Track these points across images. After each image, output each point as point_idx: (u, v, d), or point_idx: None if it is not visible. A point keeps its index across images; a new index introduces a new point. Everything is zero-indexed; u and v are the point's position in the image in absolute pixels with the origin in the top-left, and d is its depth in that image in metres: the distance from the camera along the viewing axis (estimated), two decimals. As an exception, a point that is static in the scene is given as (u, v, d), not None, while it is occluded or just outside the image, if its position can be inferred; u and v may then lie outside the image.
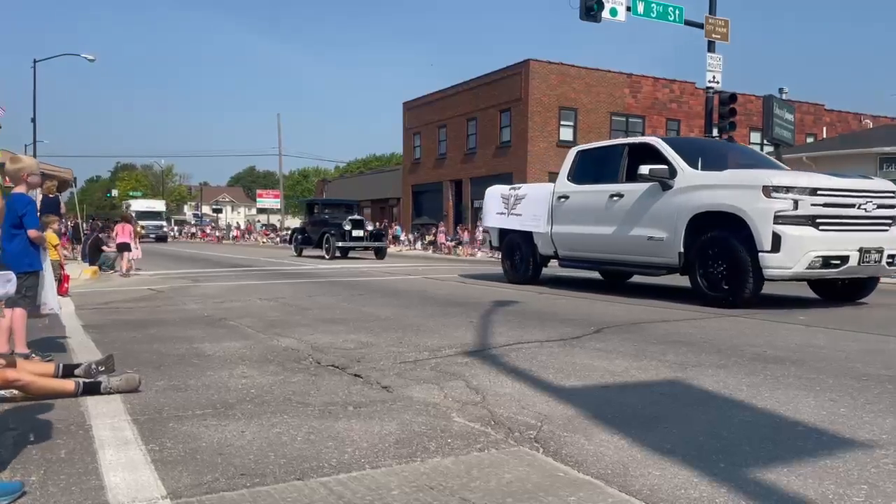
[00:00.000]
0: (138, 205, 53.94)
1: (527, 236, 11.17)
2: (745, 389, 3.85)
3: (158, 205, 56.55)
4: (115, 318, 7.26)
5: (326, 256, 22.41)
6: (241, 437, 3.00)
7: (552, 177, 31.04)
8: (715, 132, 18.09)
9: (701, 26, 18.09)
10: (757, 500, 2.29)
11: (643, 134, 33.31)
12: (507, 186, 12.46)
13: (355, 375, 4.27)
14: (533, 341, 5.50)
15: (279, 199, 59.73)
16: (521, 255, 11.49)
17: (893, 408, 3.44)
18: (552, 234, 10.56)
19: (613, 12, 16.69)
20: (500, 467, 2.61)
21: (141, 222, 48.34)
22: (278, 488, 2.40)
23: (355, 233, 22.62)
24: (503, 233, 12.03)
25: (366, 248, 23.40)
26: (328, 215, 24.73)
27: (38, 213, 5.22)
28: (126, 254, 15.29)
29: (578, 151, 10.62)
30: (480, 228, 28.45)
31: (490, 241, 12.92)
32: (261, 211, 70.68)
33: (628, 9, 17.02)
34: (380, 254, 23.29)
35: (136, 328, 6.43)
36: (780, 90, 20.45)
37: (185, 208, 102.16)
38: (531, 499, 2.31)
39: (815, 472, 2.53)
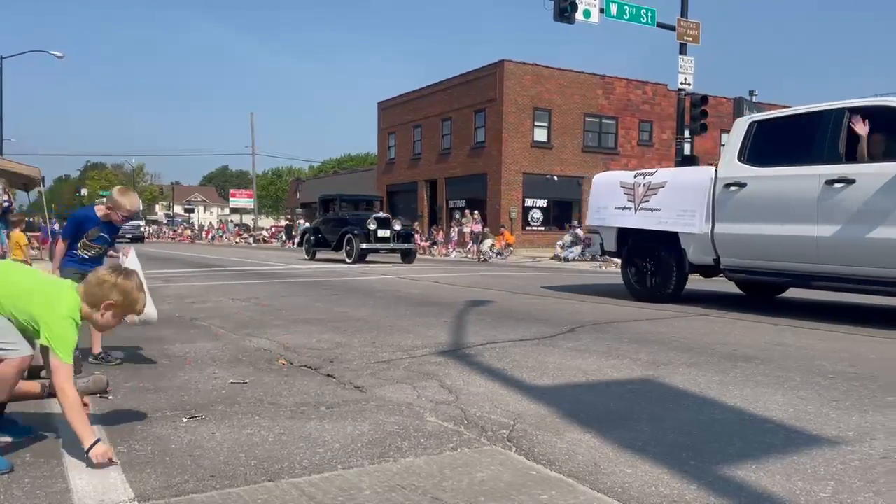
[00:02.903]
0: None
1: (667, 238, 8.38)
2: (716, 387, 3.89)
3: None
4: (84, 319, 7.13)
5: (348, 260, 19.11)
6: (212, 438, 2.96)
7: (526, 177, 31.39)
8: (687, 134, 18.30)
9: (673, 28, 18.31)
10: (726, 496, 2.31)
11: (616, 136, 33.58)
12: (631, 172, 9.46)
13: (328, 376, 4.24)
14: (507, 340, 5.51)
15: (253, 199, 59.19)
16: (655, 264, 8.64)
17: (859, 405, 3.51)
18: (714, 235, 7.78)
19: (587, 14, 16.84)
20: (472, 466, 2.61)
21: None
22: (248, 490, 2.37)
23: (381, 233, 19.30)
24: (625, 233, 9.13)
25: (392, 251, 20.14)
26: (348, 213, 21.33)
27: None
28: None
29: (754, 122, 7.77)
30: (455, 229, 28.47)
31: (601, 244, 9.57)
32: (234, 211, 70.04)
33: (601, 11, 17.18)
34: (408, 257, 19.97)
35: (105, 329, 6.32)
36: (751, 92, 20.69)
37: (157, 208, 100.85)
38: (503, 497, 2.31)
39: (782, 469, 2.56)
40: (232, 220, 68.09)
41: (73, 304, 2.78)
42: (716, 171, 7.93)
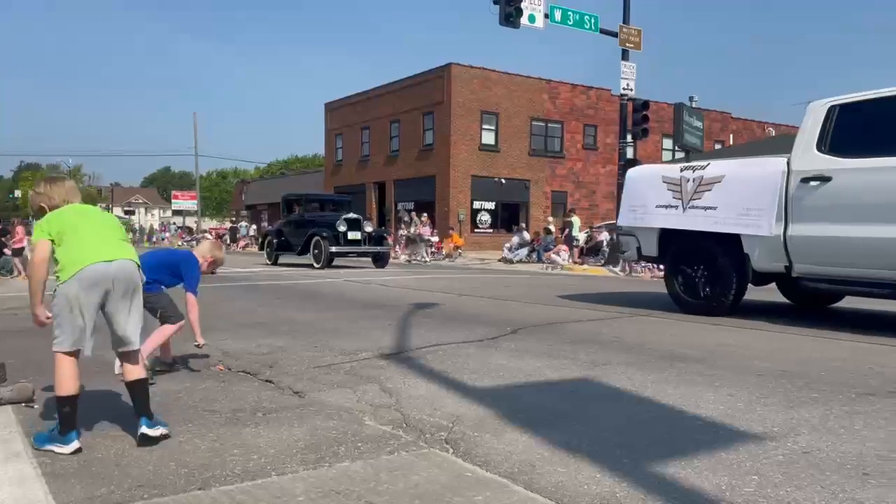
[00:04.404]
0: None
1: (725, 241, 7.20)
2: (651, 386, 3.98)
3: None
4: (13, 325, 6.86)
5: (316, 265, 17.63)
6: (141, 447, 2.88)
7: (474, 180, 31.56)
8: (629, 138, 18.67)
9: (615, 35, 18.65)
10: (655, 492, 2.36)
11: (562, 140, 34.02)
12: (676, 165, 8.21)
13: (266, 381, 4.18)
14: (450, 343, 5.52)
15: (196, 201, 57.90)
16: (710, 272, 7.45)
17: (785, 402, 3.63)
18: (787, 238, 6.64)
19: (532, 19, 17.00)
20: (409, 469, 2.60)
21: None
22: (177, 499, 2.32)
23: (351, 235, 17.92)
24: (669, 235, 7.89)
25: (363, 255, 18.78)
26: (315, 214, 19.98)
27: None
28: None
29: (835, 106, 6.56)
30: (402, 232, 28.39)
31: (638, 248, 8.31)
32: (176, 213, 68.34)
33: (546, 16, 17.37)
34: (380, 261, 18.50)
35: (36, 335, 6.05)
36: (691, 98, 21.26)
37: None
38: (438, 500, 2.31)
39: (710, 465, 2.63)
40: (174, 223, 66.50)
41: None
42: (788, 163, 6.74)
